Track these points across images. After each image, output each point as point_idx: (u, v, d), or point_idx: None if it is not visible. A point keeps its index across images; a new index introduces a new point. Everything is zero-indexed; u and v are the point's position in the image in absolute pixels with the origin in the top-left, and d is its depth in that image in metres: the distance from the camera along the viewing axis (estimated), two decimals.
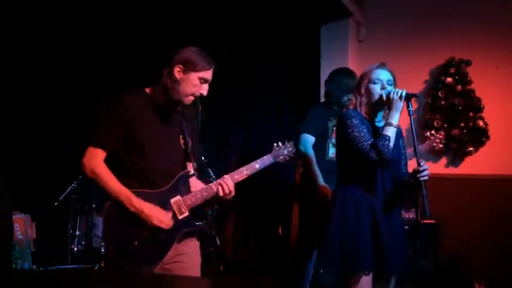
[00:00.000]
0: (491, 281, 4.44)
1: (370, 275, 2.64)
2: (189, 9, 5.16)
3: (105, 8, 5.12)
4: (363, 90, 2.75)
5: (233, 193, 2.56)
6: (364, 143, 2.62)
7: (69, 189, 5.01)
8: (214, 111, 4.97)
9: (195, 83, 2.48)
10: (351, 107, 2.79)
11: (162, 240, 2.43)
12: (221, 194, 2.53)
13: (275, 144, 2.75)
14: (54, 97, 5.57)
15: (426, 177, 2.60)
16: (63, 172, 5.20)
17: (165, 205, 2.46)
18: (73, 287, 1.85)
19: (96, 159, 2.44)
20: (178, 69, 2.48)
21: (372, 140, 2.64)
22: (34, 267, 4.55)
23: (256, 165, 2.64)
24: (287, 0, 4.95)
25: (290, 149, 2.75)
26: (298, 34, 5.37)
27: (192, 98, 2.50)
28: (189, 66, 2.47)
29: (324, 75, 4.97)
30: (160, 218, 2.42)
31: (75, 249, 5.01)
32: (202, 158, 4.95)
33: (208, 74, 2.51)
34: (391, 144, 2.62)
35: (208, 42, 2.62)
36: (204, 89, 2.51)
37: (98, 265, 4.77)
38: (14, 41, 5.16)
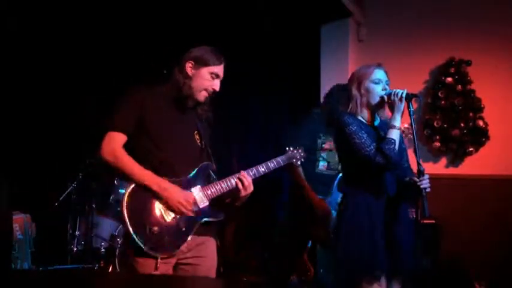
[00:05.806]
0: (491, 281, 4.44)
1: (383, 282, 2.60)
2: (188, 9, 5.16)
3: (104, 7, 5.11)
4: (363, 91, 2.68)
5: (251, 188, 2.57)
6: (367, 149, 2.58)
7: (69, 189, 5.01)
8: (213, 111, 4.96)
9: (207, 78, 2.53)
10: (347, 111, 2.74)
11: (181, 228, 2.44)
12: (240, 187, 2.54)
13: (287, 147, 2.88)
14: (55, 97, 5.56)
15: (428, 189, 2.58)
16: (63, 172, 5.19)
17: None
18: (73, 287, 1.85)
19: (115, 143, 2.44)
20: (190, 65, 2.53)
21: (375, 144, 2.60)
22: (34, 267, 4.54)
23: (271, 164, 2.71)
24: (287, 0, 4.94)
25: (302, 154, 2.91)
26: (298, 34, 5.36)
27: (205, 93, 2.55)
28: (201, 62, 2.52)
29: (324, 75, 4.96)
30: (183, 196, 2.43)
31: (75, 249, 5.00)
32: None
33: (219, 69, 2.56)
34: (397, 147, 2.60)
35: (208, 42, 2.63)
36: (216, 85, 2.57)
37: (97, 265, 4.77)
38: (14, 41, 5.16)
